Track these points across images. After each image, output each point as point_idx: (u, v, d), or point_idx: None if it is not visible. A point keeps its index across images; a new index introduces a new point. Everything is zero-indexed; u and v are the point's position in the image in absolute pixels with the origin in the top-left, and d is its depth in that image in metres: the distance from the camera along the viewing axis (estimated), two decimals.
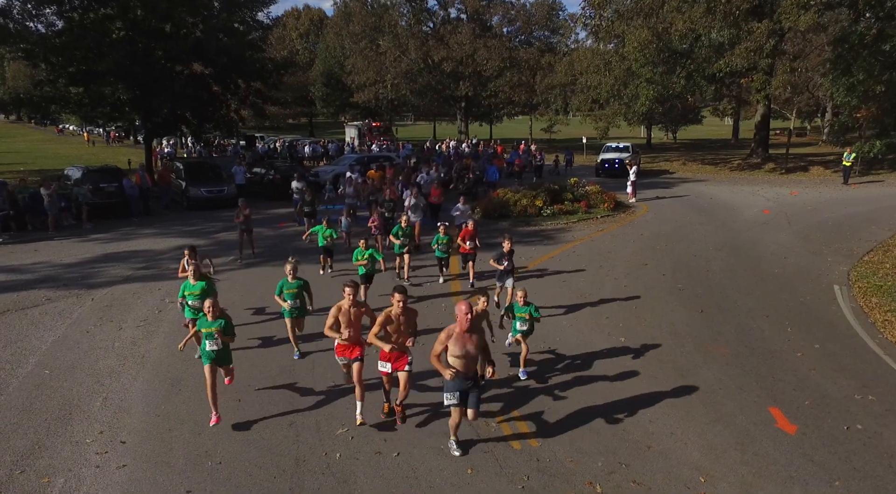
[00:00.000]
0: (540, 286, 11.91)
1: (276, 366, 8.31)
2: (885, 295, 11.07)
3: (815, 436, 6.53)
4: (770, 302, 11.02)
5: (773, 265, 13.51)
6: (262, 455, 6.17)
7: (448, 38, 48.03)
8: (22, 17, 23.13)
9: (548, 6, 52.49)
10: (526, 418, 6.96)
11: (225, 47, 24.98)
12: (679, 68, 29.84)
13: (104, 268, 13.44)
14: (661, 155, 41.96)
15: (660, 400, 7.34)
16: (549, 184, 20.48)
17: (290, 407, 7.14)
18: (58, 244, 15.98)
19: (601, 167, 30.17)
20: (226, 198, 21.57)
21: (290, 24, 77.04)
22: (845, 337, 9.43)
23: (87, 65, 23.20)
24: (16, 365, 8.34)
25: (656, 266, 13.45)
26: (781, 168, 31.13)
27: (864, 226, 17.28)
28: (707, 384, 7.80)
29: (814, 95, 42.77)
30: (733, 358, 8.61)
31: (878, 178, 27.19)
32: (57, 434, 6.57)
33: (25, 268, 13.46)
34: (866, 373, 8.10)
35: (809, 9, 25.60)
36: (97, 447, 6.34)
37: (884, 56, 16.78)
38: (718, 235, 16.53)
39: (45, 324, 9.98)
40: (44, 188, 17.39)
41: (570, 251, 14.85)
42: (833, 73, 20.14)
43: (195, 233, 17.36)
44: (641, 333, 9.53)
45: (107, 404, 7.26)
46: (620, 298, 11.22)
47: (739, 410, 7.10)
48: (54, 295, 11.48)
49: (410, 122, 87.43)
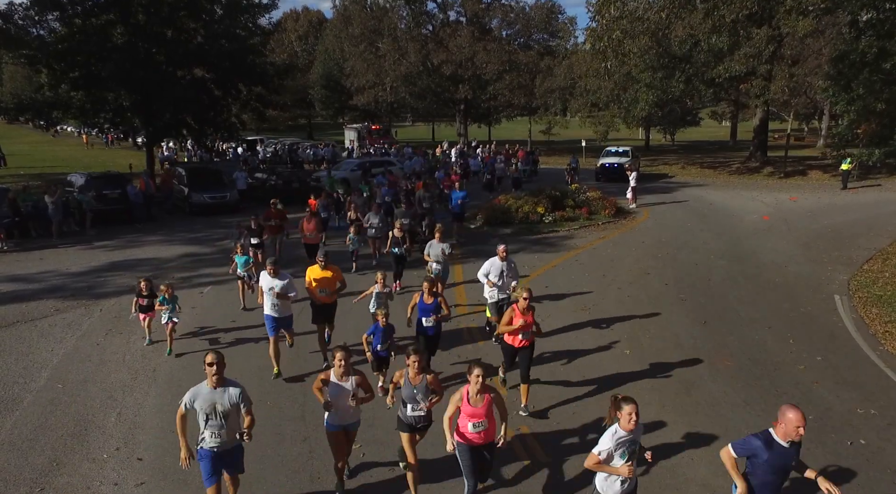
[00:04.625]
0: (544, 296, 12.01)
1: (287, 380, 8.41)
2: (884, 305, 11.21)
3: (820, 452, 6.65)
4: (772, 312, 11.16)
5: (774, 274, 13.65)
6: (276, 472, 6.28)
7: (447, 41, 48.09)
8: (24, 23, 23.16)
9: (547, 9, 52.64)
10: (533, 432, 7.07)
11: (226, 52, 25.06)
12: (678, 73, 30.01)
13: (111, 277, 13.52)
14: (659, 157, 42.13)
15: (666, 414, 7.46)
16: (551, 190, 20.60)
17: (303, 424, 7.24)
18: (63, 252, 16.05)
19: (601, 171, 30.32)
20: (228, 203, 21.68)
21: (290, 27, 77.01)
22: (847, 348, 9.57)
23: (89, 70, 23.28)
24: (28, 380, 8.42)
25: (658, 275, 13.59)
26: (780, 172, 31.32)
27: (862, 233, 17.44)
28: (712, 397, 7.93)
29: (811, 99, 43.02)
30: (737, 370, 8.74)
31: (876, 183, 27.40)
32: (74, 451, 6.66)
33: (32, 277, 13.53)
34: (868, 386, 8.24)
35: (808, 14, 25.83)
36: (114, 464, 6.43)
37: (884, 74, 16.96)
38: (719, 242, 16.68)
39: (54, 336, 10.07)
40: (48, 195, 17.45)
41: (572, 260, 14.98)
42: (833, 88, 20.29)
43: (199, 239, 17.45)
44: (646, 345, 9.65)
45: (121, 419, 7.35)
46: (624, 309, 11.34)
47: (745, 424, 7.21)
48: (62, 306, 11.57)
49: (409, 124, 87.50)
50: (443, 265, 10.75)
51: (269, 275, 8.32)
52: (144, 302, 9.46)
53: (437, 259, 10.60)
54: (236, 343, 9.77)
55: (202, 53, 25.07)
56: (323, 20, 78.09)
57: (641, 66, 30.15)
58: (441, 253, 10.63)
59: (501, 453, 6.57)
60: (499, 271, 9.20)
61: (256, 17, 27.05)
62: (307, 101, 67.63)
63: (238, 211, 21.04)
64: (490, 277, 9.20)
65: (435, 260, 10.61)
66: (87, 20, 23.34)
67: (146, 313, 9.54)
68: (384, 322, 7.57)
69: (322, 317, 8.91)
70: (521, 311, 7.26)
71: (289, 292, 8.34)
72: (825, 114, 48.45)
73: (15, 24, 22.86)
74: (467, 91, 48.41)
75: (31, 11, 23.08)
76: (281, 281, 8.32)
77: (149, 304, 9.47)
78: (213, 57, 24.98)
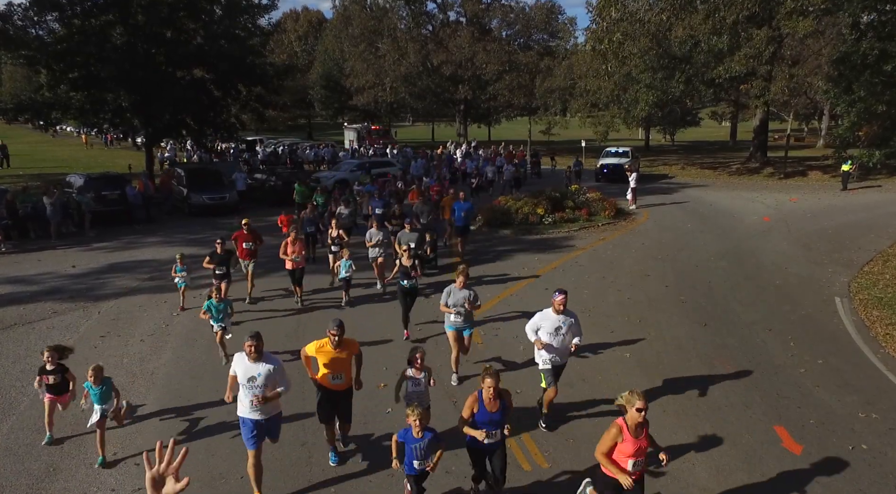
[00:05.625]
0: (544, 298, 11.95)
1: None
2: (885, 307, 11.17)
3: (821, 457, 6.62)
4: (772, 314, 11.12)
5: (774, 275, 13.61)
6: (274, 478, 6.23)
7: (447, 42, 48.11)
8: (23, 23, 23.11)
9: (547, 9, 52.63)
10: (534, 438, 7.04)
11: (226, 52, 25.02)
12: (678, 73, 29.97)
13: (109, 279, 13.48)
14: (659, 158, 42.11)
15: (667, 419, 7.43)
16: (551, 192, 20.56)
17: (302, 428, 7.20)
18: (61, 253, 16.00)
19: (601, 172, 30.29)
20: (227, 204, 21.63)
21: (289, 27, 77.00)
22: (848, 351, 9.53)
23: (88, 70, 23.23)
24: (25, 383, 8.37)
25: (659, 276, 13.55)
26: (780, 173, 31.28)
27: (863, 234, 17.41)
28: (713, 401, 7.89)
29: (811, 99, 43.02)
30: (738, 373, 8.70)
31: (877, 184, 27.36)
32: (71, 456, 6.63)
33: (30, 279, 13.48)
34: (869, 390, 8.20)
35: (808, 15, 25.80)
36: (111, 469, 6.39)
37: (886, 76, 16.92)
38: (719, 244, 16.64)
39: (52, 339, 9.96)
40: (46, 196, 17.41)
41: (572, 261, 14.94)
42: (834, 90, 20.26)
43: (198, 240, 17.37)
44: (646, 348, 9.62)
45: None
46: (624, 311, 11.30)
47: (745, 429, 7.18)
48: (60, 308, 11.52)
49: (409, 124, 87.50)
50: (464, 316, 8.14)
51: (249, 359, 5.66)
52: (51, 379, 6.59)
53: (458, 310, 8.05)
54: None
55: (202, 54, 25.02)
56: (323, 20, 78.11)
57: (641, 67, 30.11)
58: (465, 301, 8.08)
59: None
60: (553, 326, 6.92)
61: (256, 17, 27.01)
62: (307, 102, 67.62)
63: (237, 211, 20.99)
64: (541, 335, 6.92)
65: (456, 312, 8.05)
66: (86, 21, 23.29)
67: (56, 396, 6.68)
68: (419, 427, 5.22)
69: (332, 412, 6.37)
70: (632, 431, 4.84)
71: (279, 386, 5.77)
72: (825, 115, 48.45)
73: (14, 24, 22.79)
74: (467, 91, 48.42)
75: (31, 12, 23.01)
76: (267, 367, 5.66)
77: (59, 383, 6.64)
78: (212, 57, 24.93)
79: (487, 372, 5.38)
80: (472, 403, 5.40)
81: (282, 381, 5.78)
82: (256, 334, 5.71)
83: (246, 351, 5.67)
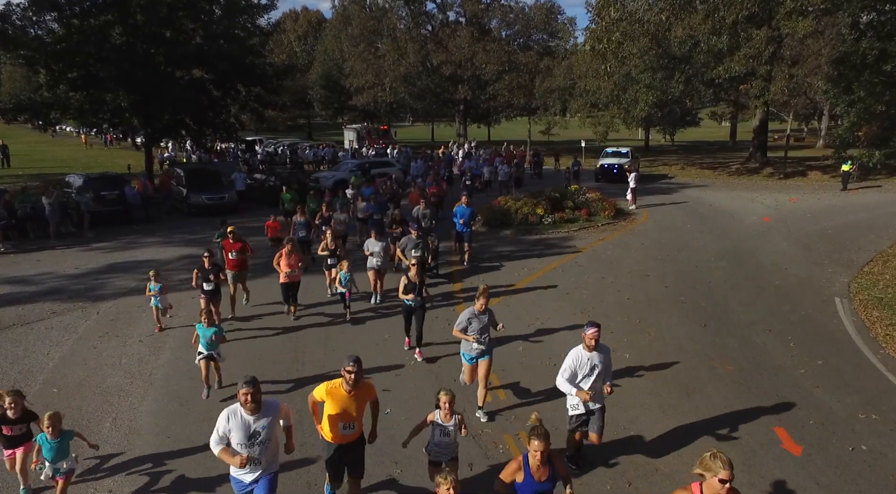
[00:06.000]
0: (543, 298, 11.96)
1: (285, 389, 8.35)
2: (885, 308, 11.16)
3: (821, 458, 6.60)
4: (772, 315, 11.10)
5: (774, 276, 13.60)
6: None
7: (447, 42, 48.14)
8: (22, 23, 23.08)
9: (546, 9, 52.64)
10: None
11: (225, 52, 25.01)
12: (678, 73, 29.96)
13: (108, 280, 13.46)
14: (659, 158, 42.10)
15: (666, 420, 7.41)
16: (550, 192, 20.54)
17: (300, 430, 7.17)
18: (60, 253, 15.98)
19: (601, 171, 30.28)
20: (227, 204, 21.62)
21: (289, 27, 77.00)
22: (848, 352, 9.51)
23: (87, 70, 23.22)
24: (24, 384, 8.35)
25: (658, 277, 13.53)
26: (780, 173, 31.27)
27: (863, 235, 17.39)
28: (713, 402, 7.87)
29: (811, 99, 43.04)
30: (738, 374, 8.68)
31: (876, 184, 27.35)
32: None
33: (29, 279, 13.47)
34: (869, 390, 8.18)
35: (807, 15, 25.79)
36: (110, 471, 6.37)
37: (885, 76, 16.92)
38: (719, 244, 16.62)
39: (51, 339, 10.01)
40: (45, 196, 17.39)
41: (572, 262, 14.92)
42: (834, 90, 20.25)
43: (198, 241, 17.36)
44: (646, 349, 9.60)
45: (117, 425, 7.29)
46: (624, 311, 11.28)
47: (745, 430, 7.16)
48: (59, 309, 11.50)
49: (409, 124, 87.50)
50: (486, 347, 7.38)
51: (245, 412, 4.67)
52: (11, 430, 5.75)
53: (479, 339, 7.27)
54: (235, 343, 9.70)
55: (201, 54, 25.01)
56: (322, 20, 78.18)
57: (641, 67, 30.11)
58: (488, 327, 7.40)
59: (500, 459, 6.52)
60: (588, 368, 6.02)
61: (255, 17, 27.01)
62: (306, 102, 67.66)
63: (237, 212, 20.98)
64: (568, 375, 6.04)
65: (477, 341, 7.25)
66: (85, 21, 23.29)
67: (13, 448, 5.81)
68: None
69: (342, 467, 5.40)
70: None
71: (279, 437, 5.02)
72: (825, 115, 48.46)
73: (13, 24, 22.77)
74: (467, 91, 48.44)
75: (29, 12, 23.00)
76: (269, 419, 4.77)
77: (20, 434, 5.80)
78: (211, 57, 24.92)
79: (535, 434, 4.47)
80: (515, 470, 4.59)
81: (285, 421, 5.15)
82: (252, 380, 4.66)
83: (241, 402, 4.60)
